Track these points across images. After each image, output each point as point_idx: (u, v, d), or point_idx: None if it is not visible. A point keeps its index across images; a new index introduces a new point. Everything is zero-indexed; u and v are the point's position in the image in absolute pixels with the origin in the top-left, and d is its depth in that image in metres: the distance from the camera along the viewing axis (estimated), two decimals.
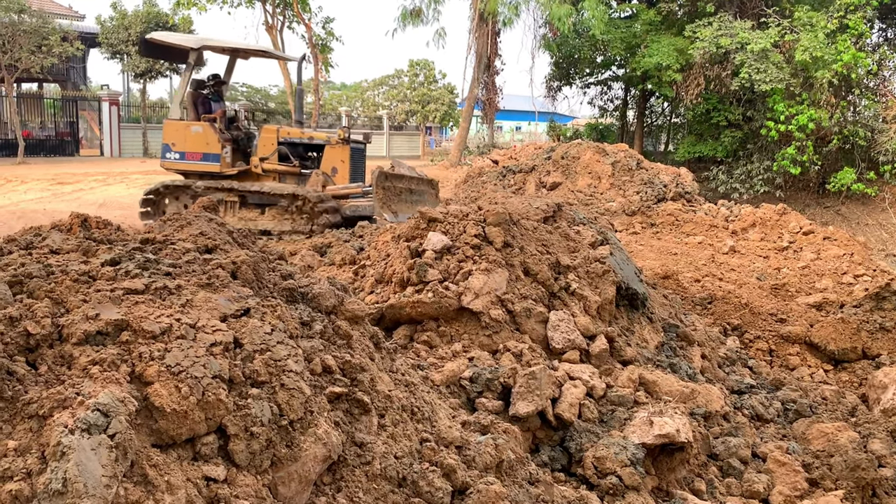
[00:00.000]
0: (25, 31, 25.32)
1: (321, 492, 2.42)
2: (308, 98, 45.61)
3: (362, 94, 47.79)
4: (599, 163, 13.34)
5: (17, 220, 12.15)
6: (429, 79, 43.01)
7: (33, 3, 27.77)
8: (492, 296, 4.18)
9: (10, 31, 25.14)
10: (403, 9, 30.12)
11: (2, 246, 2.53)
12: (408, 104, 42.71)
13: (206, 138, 11.20)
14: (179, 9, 26.76)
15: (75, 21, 32.99)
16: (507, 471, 3.01)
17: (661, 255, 9.63)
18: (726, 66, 22.43)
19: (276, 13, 26.59)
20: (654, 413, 3.71)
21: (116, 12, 36.99)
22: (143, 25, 35.47)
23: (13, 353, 2.03)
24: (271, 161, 11.31)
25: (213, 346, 2.26)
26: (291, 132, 11.55)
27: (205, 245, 2.90)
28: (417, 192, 11.27)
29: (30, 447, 1.85)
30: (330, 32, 28.60)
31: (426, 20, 30.37)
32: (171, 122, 11.70)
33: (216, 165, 11.19)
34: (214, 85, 12.00)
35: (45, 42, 25.76)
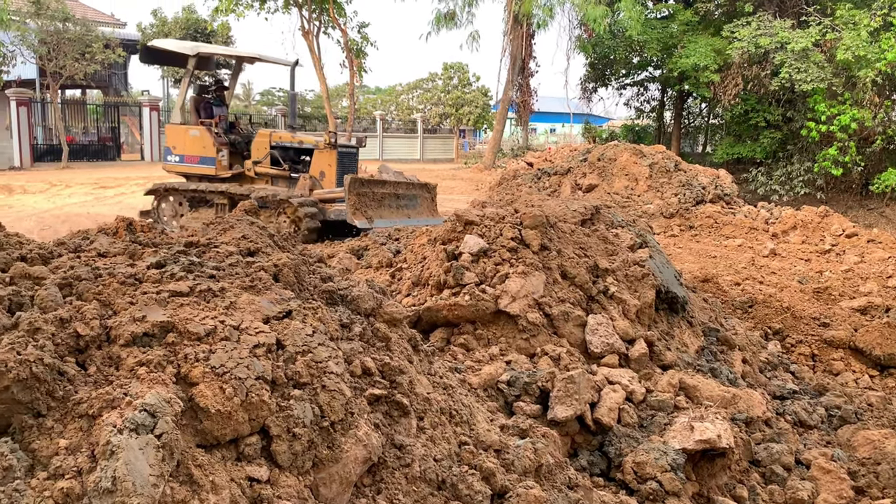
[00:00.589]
0: (70, 38, 25.95)
1: (361, 493, 2.43)
2: (343, 102, 45.97)
3: (396, 98, 48.05)
4: (636, 164, 13.22)
5: (61, 224, 12.45)
6: (463, 81, 43.07)
7: (77, 11, 28.46)
8: (529, 299, 4.16)
9: (55, 38, 25.79)
10: (437, 12, 30.23)
11: (52, 249, 2.59)
12: (442, 107, 42.82)
13: (203, 142, 11.58)
14: (218, 15, 27.13)
15: (117, 28, 33.69)
16: (547, 475, 2.99)
17: (699, 258, 9.51)
18: (765, 65, 22.05)
19: (312, 18, 26.83)
20: (694, 418, 3.66)
21: (157, 19, 37.75)
22: (182, 32, 36.13)
23: (64, 353, 2.08)
24: (264, 165, 11.52)
25: (257, 348, 2.29)
26: (283, 136, 11.70)
27: (247, 248, 2.94)
28: (407, 197, 11.20)
29: (80, 446, 1.89)
30: (365, 37, 28.74)
31: (460, 23, 30.45)
32: (172, 126, 12.24)
33: (212, 168, 11.53)
34: (217, 90, 12.40)
35: (89, 49, 26.37)
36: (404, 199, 11.09)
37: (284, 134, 11.75)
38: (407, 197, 11.17)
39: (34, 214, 13.63)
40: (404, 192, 11.11)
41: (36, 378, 1.91)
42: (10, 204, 15.33)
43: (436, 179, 24.63)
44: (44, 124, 30.56)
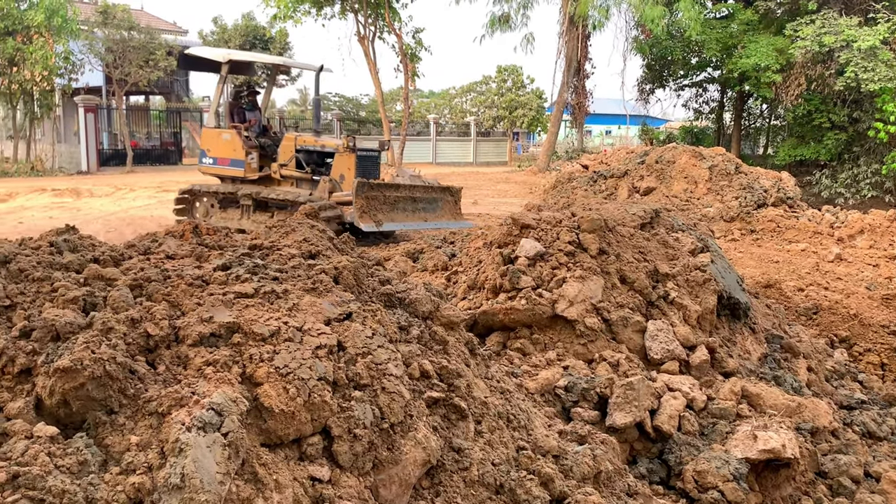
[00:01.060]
0: (134, 46, 26.79)
1: (420, 496, 2.45)
2: (397, 106, 46.31)
3: (450, 102, 48.16)
4: (696, 167, 12.96)
5: (126, 226, 12.84)
6: (517, 84, 42.92)
7: (142, 20, 29.38)
8: (587, 304, 4.13)
9: (121, 47, 26.66)
10: (492, 15, 30.21)
11: (123, 251, 2.68)
12: (495, 110, 42.74)
13: (234, 145, 11.88)
14: (276, 22, 27.67)
15: (179, 36, 34.62)
16: (606, 482, 2.96)
17: (761, 263, 9.27)
18: (830, 65, 21.38)
19: (368, 24, 27.13)
20: (758, 427, 3.58)
21: (217, 27, 38.66)
22: (242, 39, 36.94)
23: (135, 353, 2.14)
24: (289, 167, 11.74)
25: (319, 349, 2.32)
26: (307, 140, 11.88)
27: (308, 251, 2.98)
28: (425, 201, 11.25)
29: (150, 443, 1.95)
30: (419, 42, 28.92)
31: (515, 25, 30.38)
32: (206, 129, 12.61)
33: (241, 170, 11.85)
34: (249, 95, 12.73)
35: (152, 57, 27.18)
36: (422, 203, 11.16)
37: (308, 138, 11.98)
38: (425, 200, 11.23)
39: (101, 217, 14.10)
40: (422, 196, 11.18)
41: (109, 376, 1.97)
42: (78, 207, 15.88)
43: (488, 182, 24.63)
44: (109, 130, 31.59)
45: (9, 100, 25.90)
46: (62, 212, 14.73)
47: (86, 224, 12.35)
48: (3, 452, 1.82)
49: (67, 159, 27.86)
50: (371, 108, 44.54)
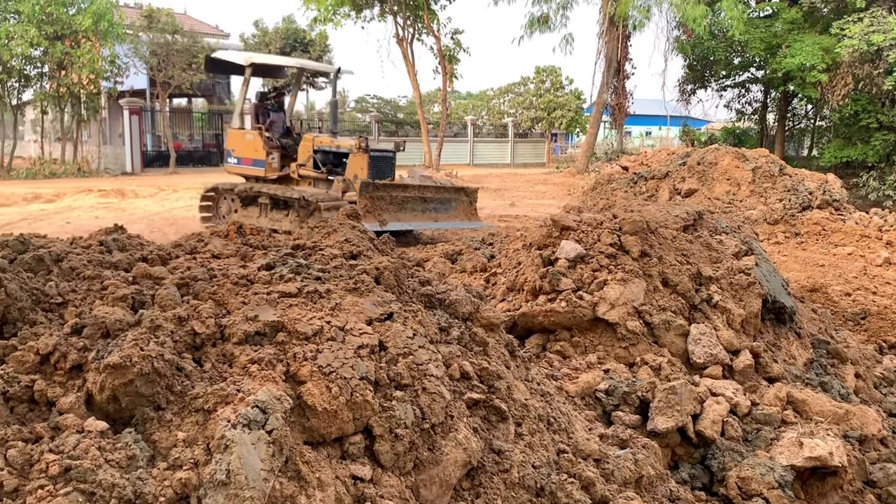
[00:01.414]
0: (178, 50, 27.30)
1: (460, 497, 2.44)
2: (435, 108, 46.41)
3: (488, 103, 48.12)
4: (739, 169, 12.74)
5: (169, 227, 13.09)
6: (555, 85, 42.71)
7: (185, 24, 29.92)
8: (628, 307, 4.08)
9: (164, 50, 27.19)
10: (531, 16, 30.12)
11: (170, 250, 2.73)
12: (533, 111, 42.59)
13: (255, 145, 12.26)
14: (316, 25, 27.97)
15: (221, 40, 35.18)
16: (647, 487, 2.93)
17: (806, 267, 9.09)
18: (878, 64, 20.86)
19: (407, 26, 27.26)
20: (803, 434, 3.50)
21: (258, 30, 39.17)
22: (282, 42, 37.37)
23: (182, 350, 2.18)
24: (307, 167, 12.01)
25: (361, 349, 2.33)
26: (323, 141, 12.15)
27: (350, 251, 3.01)
28: (436, 201, 11.31)
29: (196, 439, 1.98)
30: (458, 43, 28.99)
31: (554, 26, 30.23)
32: (232, 130, 13.09)
33: (261, 170, 12.22)
34: (275, 97, 13.04)
35: (195, 60, 27.66)
36: (433, 203, 11.22)
37: (325, 138, 12.22)
38: (436, 200, 11.31)
39: (145, 217, 14.39)
40: (433, 196, 11.25)
41: (157, 373, 2.01)
42: (123, 207, 16.23)
43: (526, 184, 24.53)
44: (153, 132, 32.24)
45: (57, 102, 26.59)
46: (107, 212, 15.07)
47: (130, 224, 12.60)
48: (56, 445, 1.86)
49: (113, 160, 28.52)
50: (409, 109, 44.73)
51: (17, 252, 2.51)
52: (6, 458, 1.82)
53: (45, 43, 23.96)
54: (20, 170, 25.29)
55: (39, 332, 2.20)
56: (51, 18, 24.08)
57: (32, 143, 31.47)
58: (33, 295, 2.33)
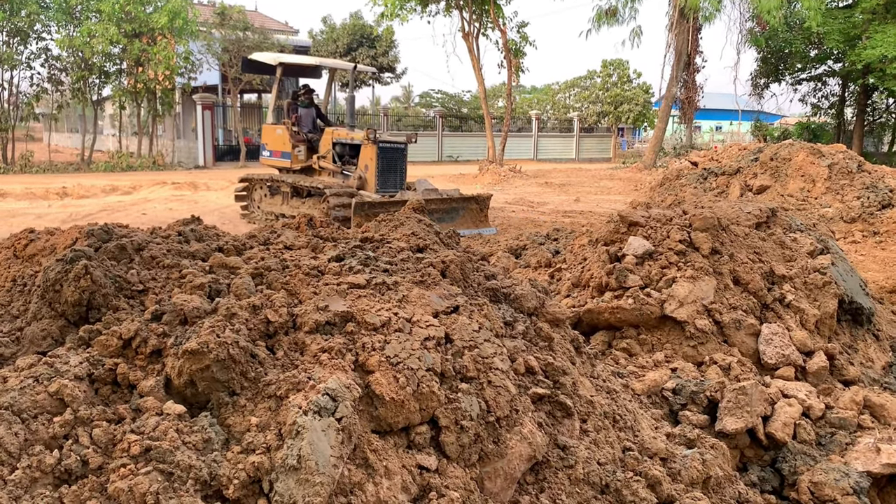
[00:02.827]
0: (249, 46, 27.92)
1: (524, 491, 2.45)
2: (499, 103, 46.28)
3: (553, 97, 47.69)
4: (814, 165, 12.30)
5: (240, 219, 13.45)
6: (622, 79, 42.00)
7: (255, 20, 30.60)
8: (697, 305, 4.00)
9: (236, 47, 27.87)
10: (599, 9, 29.70)
11: (244, 241, 2.80)
12: (599, 105, 42.01)
13: (284, 139, 13.08)
14: (383, 20, 28.20)
15: (290, 36, 35.83)
16: (715, 487, 2.87)
17: (886, 267, 8.72)
18: None
19: (472, 20, 27.24)
20: (881, 439, 3.38)
21: (326, 26, 39.73)
22: (350, 38, 37.83)
23: (255, 338, 2.24)
24: (327, 160, 12.67)
25: (427, 341, 2.36)
26: (340, 134, 12.70)
27: (416, 245, 3.04)
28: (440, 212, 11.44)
29: (268, 424, 2.03)
30: (524, 37, 28.79)
31: (622, 19, 29.72)
32: (266, 125, 13.81)
33: (288, 162, 13.04)
34: (305, 94, 13.73)
35: None
36: (437, 214, 11.35)
37: (342, 132, 12.74)
38: (440, 212, 11.49)
39: (216, 209, 14.80)
40: (437, 208, 11.43)
41: (232, 359, 2.08)
42: (195, 199, 16.73)
43: (591, 179, 24.25)
44: (224, 126, 33.10)
45: (134, 98, 27.56)
46: (180, 204, 15.57)
47: (202, 216, 12.91)
48: (137, 427, 1.95)
49: (186, 154, 29.42)
50: (473, 104, 44.70)
51: (102, 241, 2.62)
52: (92, 437, 1.91)
53: (124, 40, 24.86)
54: (99, 163, 26.34)
55: (122, 317, 2.30)
56: (129, 17, 24.98)
57: (111, 137, 32.71)
58: (116, 282, 2.43)
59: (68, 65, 26.30)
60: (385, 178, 12.07)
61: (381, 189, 11.91)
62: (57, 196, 16.21)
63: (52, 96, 27.45)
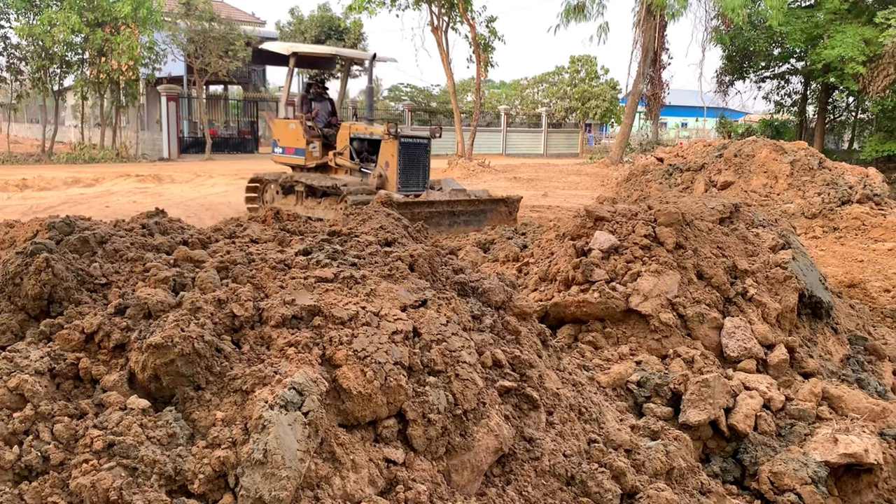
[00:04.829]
0: (215, 37, 27.57)
1: (491, 483, 2.47)
2: (468, 97, 46.30)
3: (521, 92, 47.85)
4: (776, 161, 12.53)
5: (205, 211, 13.28)
6: (590, 75, 42.30)
7: (222, 11, 30.19)
8: (662, 298, 4.06)
9: (201, 37, 27.48)
10: (567, 4, 29.84)
11: (210, 234, 2.78)
12: (567, 101, 42.25)
13: (297, 135, 12.26)
14: (351, 13, 28.03)
15: (257, 27, 35.44)
16: (678, 478, 2.92)
17: (845, 262, 8.93)
18: None
19: (441, 14, 27.19)
20: (838, 430, 3.46)
21: (294, 18, 39.36)
22: (318, 30, 37.53)
23: (221, 332, 2.22)
24: (344, 156, 11.88)
25: (395, 334, 2.36)
26: (358, 128, 11.93)
27: (385, 238, 3.03)
28: (468, 213, 10.84)
29: (234, 419, 2.02)
30: (493, 31, 28.84)
31: (589, 15, 29.90)
32: (278, 120, 13.10)
33: (302, 159, 12.24)
34: (319, 86, 13.07)
35: (231, 47, 27.92)
36: (464, 216, 10.77)
37: (360, 126, 12.02)
38: (468, 213, 10.86)
39: (181, 202, 14.60)
40: (464, 209, 10.79)
41: (197, 354, 2.06)
42: (160, 192, 16.48)
43: (559, 174, 24.39)
44: (189, 118, 32.65)
45: (97, 89, 27.05)
46: (145, 197, 15.33)
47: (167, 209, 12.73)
48: (100, 422, 1.92)
49: (150, 146, 28.97)
50: (442, 98, 44.65)
51: (64, 234, 2.57)
52: (53, 433, 1.89)
53: (86, 30, 24.37)
54: (61, 154, 25.82)
55: (84, 311, 2.27)
56: (91, 5, 24.49)
57: (73, 129, 32.08)
58: (78, 275, 2.39)
59: (28, 54, 25.73)
60: (407, 176, 11.29)
61: (402, 188, 11.14)
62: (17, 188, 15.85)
63: (11, 86, 26.81)
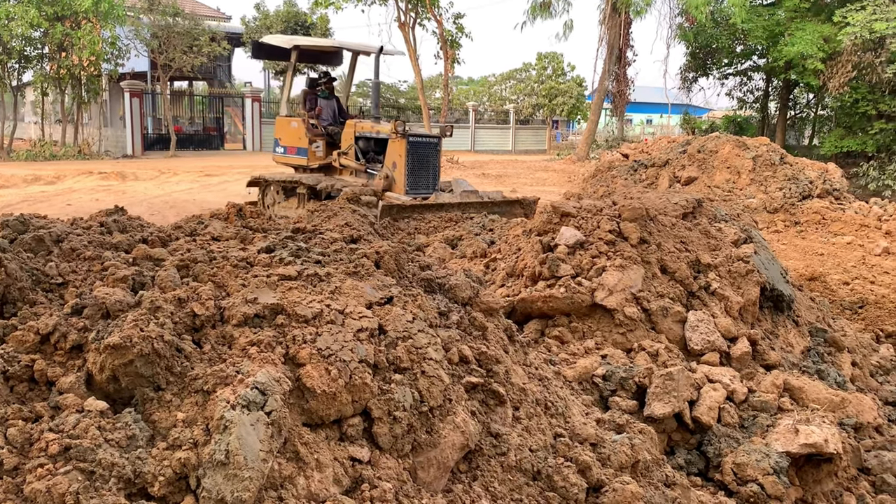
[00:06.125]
0: (179, 32, 27.18)
1: (458, 479, 2.46)
2: (436, 93, 46.26)
3: (489, 89, 47.93)
4: (739, 157, 12.71)
5: (169, 209, 13.08)
6: (557, 72, 42.52)
7: (186, 6, 29.76)
8: (626, 293, 4.09)
9: (165, 33, 27.07)
10: (533, 2, 29.95)
11: (170, 232, 2.73)
12: (535, 98, 42.43)
13: (299, 133, 11.59)
14: (317, 8, 27.82)
15: (222, 22, 35.01)
16: (643, 471, 2.95)
17: (805, 256, 9.11)
18: (880, 52, 20.77)
19: (409, 10, 27.11)
20: (799, 421, 3.52)
21: (259, 13, 38.93)
22: (284, 25, 37.16)
23: (181, 331, 2.19)
24: (349, 156, 11.23)
25: (360, 332, 2.34)
26: (364, 127, 11.22)
27: (350, 235, 3.02)
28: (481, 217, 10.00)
29: (196, 419, 1.99)
30: (460, 28, 28.86)
31: (555, 12, 30.08)
32: (279, 118, 12.40)
33: (304, 159, 11.54)
34: (326, 82, 12.37)
35: (196, 43, 27.54)
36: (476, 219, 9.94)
37: (366, 124, 11.27)
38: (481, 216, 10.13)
39: (145, 200, 14.38)
40: (477, 213, 9.94)
41: (157, 354, 2.02)
42: (123, 190, 16.21)
43: (527, 171, 24.50)
44: (154, 115, 32.16)
45: (57, 84, 26.50)
46: (107, 194, 15.06)
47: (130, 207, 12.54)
48: (55, 424, 1.88)
49: (113, 143, 28.48)
50: (410, 95, 44.55)
51: (18, 232, 2.51)
52: (6, 437, 1.84)
53: (45, 24, 23.84)
54: (20, 151, 25.25)
55: (39, 312, 2.22)
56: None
57: (33, 125, 31.39)
58: (33, 275, 2.34)
59: None
60: (416, 178, 10.42)
61: (411, 190, 10.30)
62: None
63: None
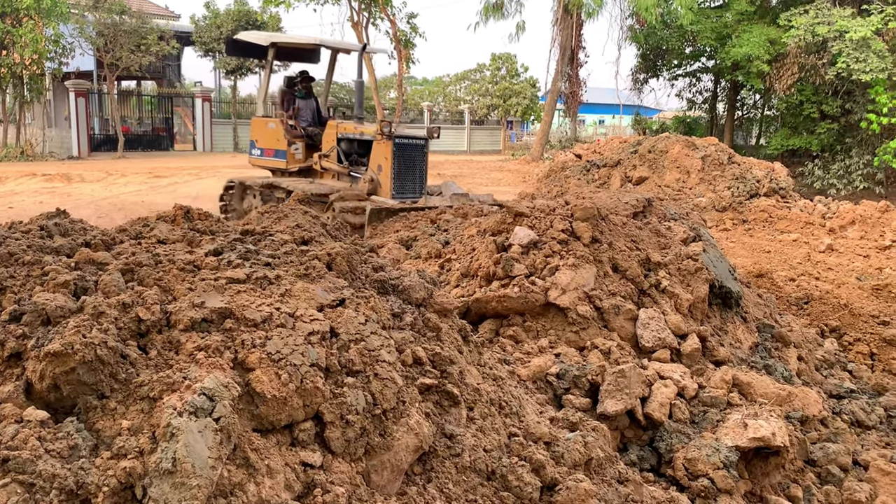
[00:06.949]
0: (126, 31, 26.59)
1: (412, 482, 2.45)
2: (391, 94, 46.14)
3: (444, 89, 48.00)
4: (688, 157, 12.97)
5: (117, 212, 12.80)
6: (511, 72, 42.79)
7: (133, 4, 29.13)
8: (579, 292, 4.13)
9: (112, 31, 26.45)
10: (486, 2, 30.09)
11: (114, 235, 2.66)
12: (489, 98, 42.62)
13: (277, 135, 11.26)
14: (268, 7, 27.51)
15: (171, 21, 34.37)
16: (597, 469, 2.97)
17: (753, 253, 9.32)
18: (823, 55, 21.40)
19: (361, 9, 27.00)
20: (748, 415, 3.59)
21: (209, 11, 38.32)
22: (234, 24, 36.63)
23: (126, 337, 2.13)
24: (330, 159, 10.96)
25: (311, 335, 2.31)
26: (347, 128, 10.96)
27: (301, 237, 2.97)
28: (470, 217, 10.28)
29: (141, 427, 1.94)
30: (413, 28, 28.86)
31: (508, 13, 30.28)
32: (256, 118, 12.00)
33: (283, 162, 11.22)
34: (302, 81, 12.02)
35: (144, 41, 26.98)
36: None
37: (349, 125, 11.02)
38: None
39: (92, 202, 14.03)
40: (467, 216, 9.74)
41: (100, 361, 1.96)
42: (69, 192, 15.79)
43: (482, 171, 24.60)
44: (100, 115, 31.39)
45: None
46: (52, 197, 14.65)
47: (77, 209, 12.27)
48: None
49: (58, 144, 27.70)
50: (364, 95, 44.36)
51: None
52: None
53: None
54: None
55: None
56: None
57: None
58: None
59: None
60: (402, 181, 10.17)
61: (397, 193, 10.05)
62: None
63: None
